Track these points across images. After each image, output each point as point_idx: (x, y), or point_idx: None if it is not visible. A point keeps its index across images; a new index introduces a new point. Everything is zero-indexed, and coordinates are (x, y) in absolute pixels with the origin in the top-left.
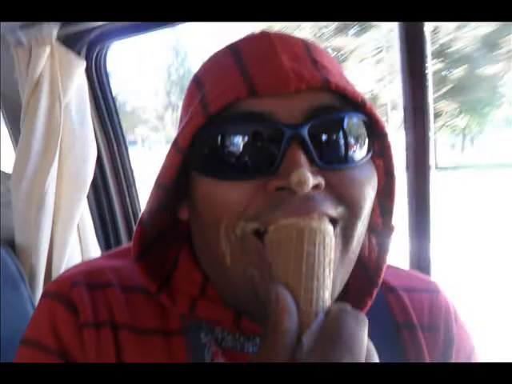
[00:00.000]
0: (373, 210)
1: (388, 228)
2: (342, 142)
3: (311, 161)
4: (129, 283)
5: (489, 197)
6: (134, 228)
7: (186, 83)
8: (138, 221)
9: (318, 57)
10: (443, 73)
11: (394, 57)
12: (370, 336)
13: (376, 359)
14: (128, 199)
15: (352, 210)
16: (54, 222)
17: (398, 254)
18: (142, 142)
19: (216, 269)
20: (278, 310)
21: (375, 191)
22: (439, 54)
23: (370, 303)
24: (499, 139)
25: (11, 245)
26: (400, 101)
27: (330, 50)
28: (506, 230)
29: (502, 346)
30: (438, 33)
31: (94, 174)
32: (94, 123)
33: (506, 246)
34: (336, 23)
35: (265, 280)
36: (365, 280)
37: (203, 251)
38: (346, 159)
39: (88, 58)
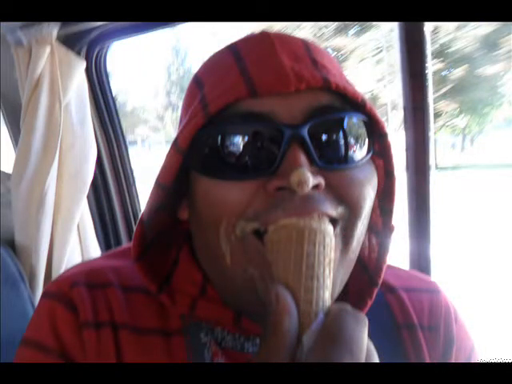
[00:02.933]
0: (373, 210)
1: (388, 228)
2: (341, 142)
3: (311, 161)
4: (129, 283)
5: (489, 197)
6: (134, 228)
7: (186, 83)
8: (138, 221)
9: (318, 57)
10: (443, 73)
11: (394, 57)
12: (370, 336)
13: (376, 359)
14: (128, 199)
15: (352, 210)
16: (54, 222)
17: (398, 254)
18: (141, 142)
19: (216, 269)
20: (278, 311)
21: (375, 191)
22: (439, 53)
23: (370, 303)
24: (499, 139)
25: (11, 245)
26: (400, 101)
27: (330, 50)
28: (505, 229)
29: (502, 345)
30: (437, 33)
31: (94, 174)
32: (94, 123)
33: (506, 245)
34: (336, 23)
35: (265, 280)
36: (365, 280)
37: (203, 251)
38: (345, 159)
39: (88, 58)
